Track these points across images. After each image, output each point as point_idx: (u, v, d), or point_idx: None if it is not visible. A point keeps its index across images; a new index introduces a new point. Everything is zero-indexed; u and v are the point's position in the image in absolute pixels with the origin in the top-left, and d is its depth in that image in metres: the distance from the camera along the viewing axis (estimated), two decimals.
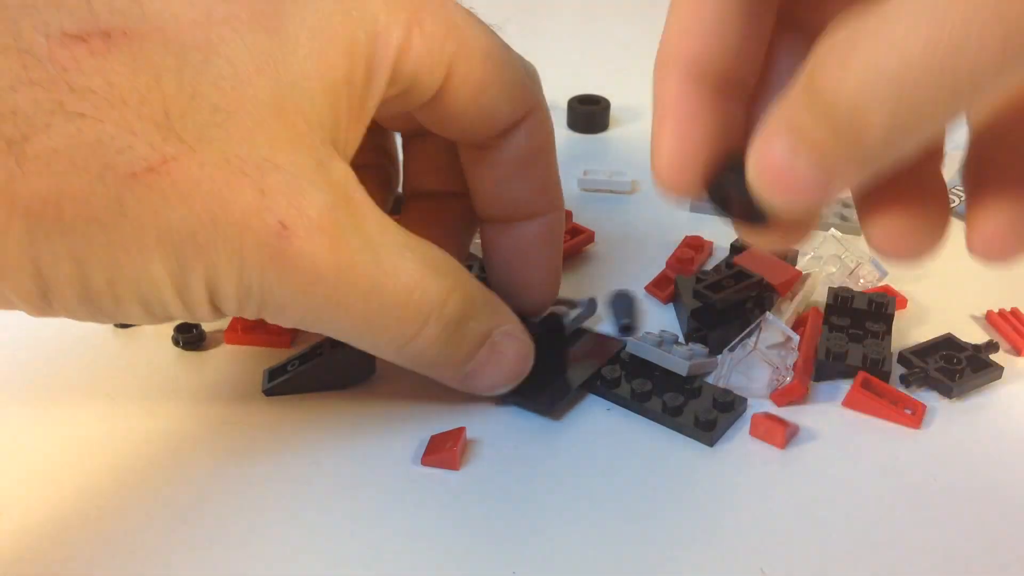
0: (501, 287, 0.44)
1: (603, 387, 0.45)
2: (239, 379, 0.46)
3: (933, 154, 0.31)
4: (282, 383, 0.45)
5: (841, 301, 0.49)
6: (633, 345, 0.46)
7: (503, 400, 0.44)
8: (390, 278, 0.34)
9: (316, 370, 0.45)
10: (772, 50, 0.31)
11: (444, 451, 0.41)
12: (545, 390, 0.44)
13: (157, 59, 0.30)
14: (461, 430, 0.42)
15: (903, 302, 0.51)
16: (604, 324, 0.50)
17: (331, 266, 0.32)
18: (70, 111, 0.28)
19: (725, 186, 0.28)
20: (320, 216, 0.31)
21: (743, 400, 0.44)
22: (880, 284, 0.52)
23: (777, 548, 0.38)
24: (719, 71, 0.29)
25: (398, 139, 0.49)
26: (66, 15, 0.29)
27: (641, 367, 0.45)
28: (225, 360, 0.47)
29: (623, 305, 0.47)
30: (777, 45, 0.31)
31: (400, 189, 0.49)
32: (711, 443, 0.42)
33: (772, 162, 0.25)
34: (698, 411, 0.43)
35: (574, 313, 0.49)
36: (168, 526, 0.39)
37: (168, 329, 0.48)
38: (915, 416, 0.44)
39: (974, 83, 0.21)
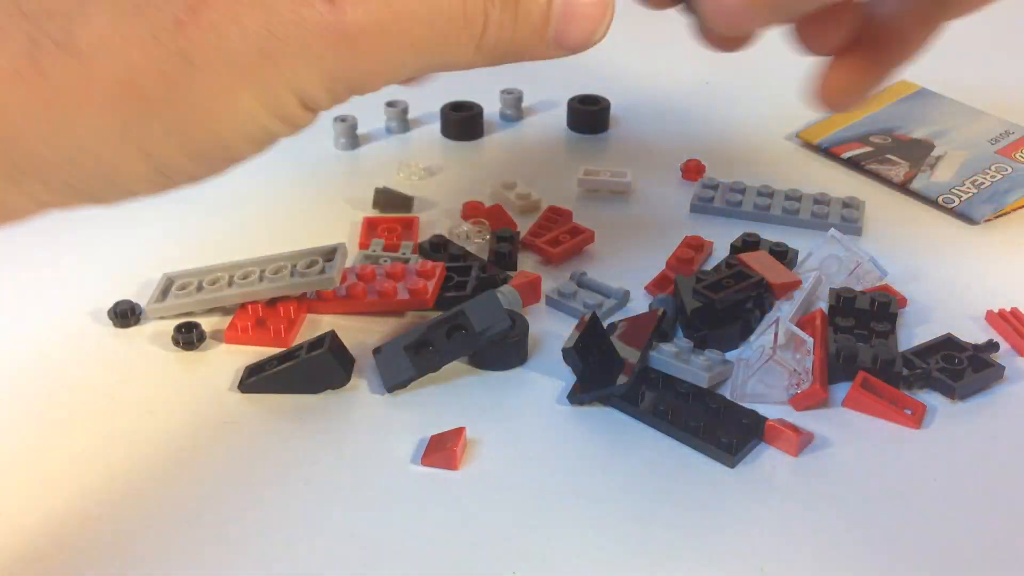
0: None
1: (625, 403, 0.45)
2: (239, 379, 0.46)
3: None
4: (257, 381, 0.45)
5: (844, 302, 0.49)
6: (652, 359, 0.46)
7: (580, 400, 0.45)
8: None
9: (291, 372, 0.45)
10: None
11: (444, 451, 0.41)
12: (611, 371, 0.45)
13: None
14: (461, 430, 0.42)
15: (903, 302, 0.51)
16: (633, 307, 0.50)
17: (388, 10, 0.31)
18: None
19: None
20: None
21: (763, 419, 0.43)
22: (880, 284, 0.52)
23: (777, 547, 0.38)
24: None
25: None
26: None
27: (660, 379, 0.46)
28: (225, 360, 0.47)
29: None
30: None
31: None
32: (733, 465, 0.42)
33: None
34: (721, 432, 0.42)
35: (607, 305, 0.50)
36: (168, 525, 0.39)
37: (168, 329, 0.48)
38: (915, 416, 0.44)
39: None
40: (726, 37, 0.37)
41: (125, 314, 0.49)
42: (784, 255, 0.54)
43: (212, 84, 0.29)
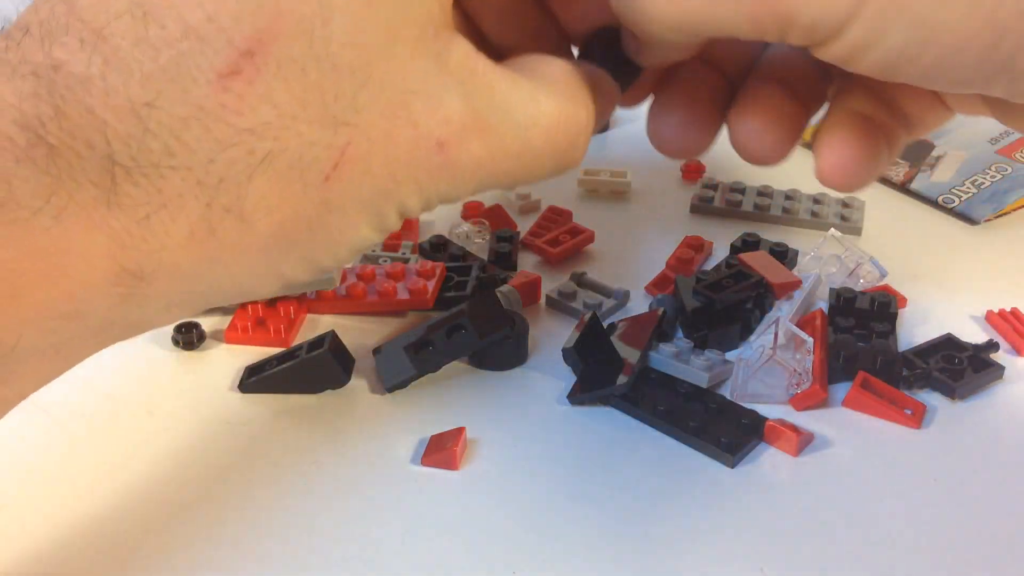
0: None
1: (625, 403, 0.45)
2: (239, 379, 0.46)
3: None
4: (257, 381, 0.45)
5: (844, 302, 0.49)
6: (652, 359, 0.46)
7: (580, 400, 0.45)
8: (533, 129, 0.36)
9: (291, 372, 0.45)
10: None
11: (444, 451, 0.41)
12: (611, 371, 0.45)
13: (294, 50, 0.31)
14: (461, 430, 0.42)
15: (903, 302, 0.51)
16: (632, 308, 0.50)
17: (486, 152, 0.35)
18: (259, 154, 0.30)
19: (598, 48, 0.38)
20: (462, 117, 0.34)
21: (763, 419, 0.44)
22: (880, 284, 0.52)
23: (777, 547, 0.38)
24: None
25: None
26: (210, 51, 0.29)
27: (660, 379, 0.46)
28: (225, 360, 0.47)
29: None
30: None
31: None
32: (733, 465, 0.42)
33: None
34: (721, 432, 0.42)
35: (607, 305, 0.50)
36: (168, 525, 0.39)
37: (168, 329, 0.48)
38: (915, 416, 0.44)
39: None
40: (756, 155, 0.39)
41: None
42: (784, 255, 0.54)
43: (343, 221, 0.33)
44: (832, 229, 0.54)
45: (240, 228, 0.31)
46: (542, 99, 0.36)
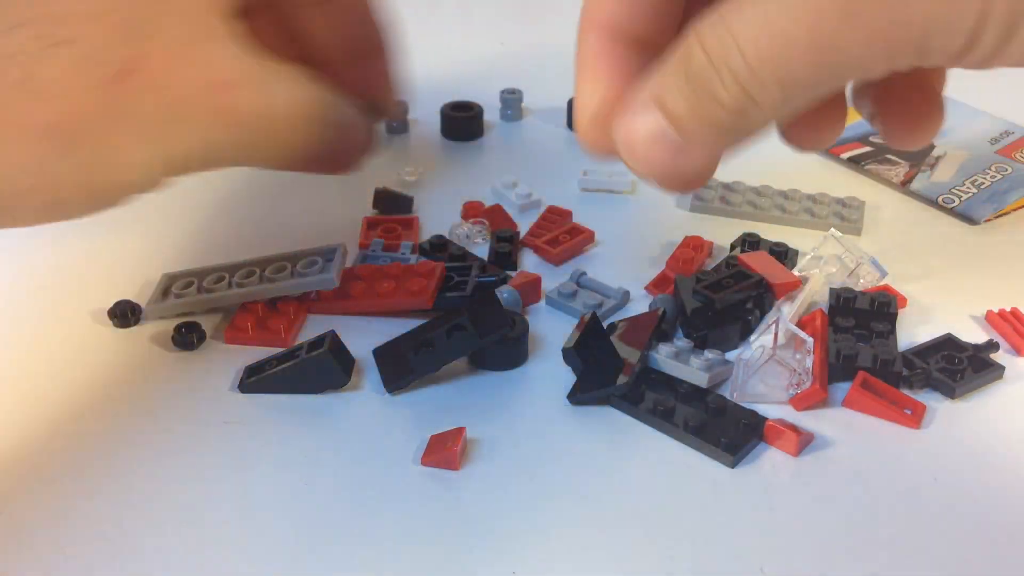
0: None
1: (625, 403, 0.45)
2: (239, 379, 0.46)
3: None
4: (257, 381, 0.45)
5: (844, 302, 0.49)
6: (652, 359, 0.46)
7: (580, 400, 0.45)
8: (293, 103, 0.41)
9: (291, 372, 0.45)
10: (687, 14, 0.32)
11: (444, 451, 0.41)
12: (611, 371, 0.45)
13: None
14: (461, 430, 0.42)
15: (903, 302, 0.51)
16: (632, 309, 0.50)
17: (259, 104, 0.40)
18: (60, 39, 0.34)
19: None
20: (239, 72, 0.39)
21: (763, 419, 0.44)
22: (880, 284, 0.52)
23: (777, 547, 0.38)
24: (634, 32, 0.30)
25: None
26: None
27: (660, 379, 0.46)
28: (225, 360, 0.47)
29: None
30: (690, 11, 0.32)
31: None
32: (733, 465, 0.42)
33: (633, 133, 0.28)
34: (721, 432, 0.42)
35: (607, 305, 0.50)
36: (168, 525, 0.39)
37: (168, 329, 0.48)
38: (915, 416, 0.44)
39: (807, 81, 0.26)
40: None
41: (125, 314, 0.49)
42: (784, 255, 0.54)
43: (123, 135, 0.35)
44: (832, 229, 0.54)
45: (24, 107, 0.34)
46: (291, 79, 0.41)
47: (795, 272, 0.52)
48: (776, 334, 0.45)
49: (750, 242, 0.55)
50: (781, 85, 0.26)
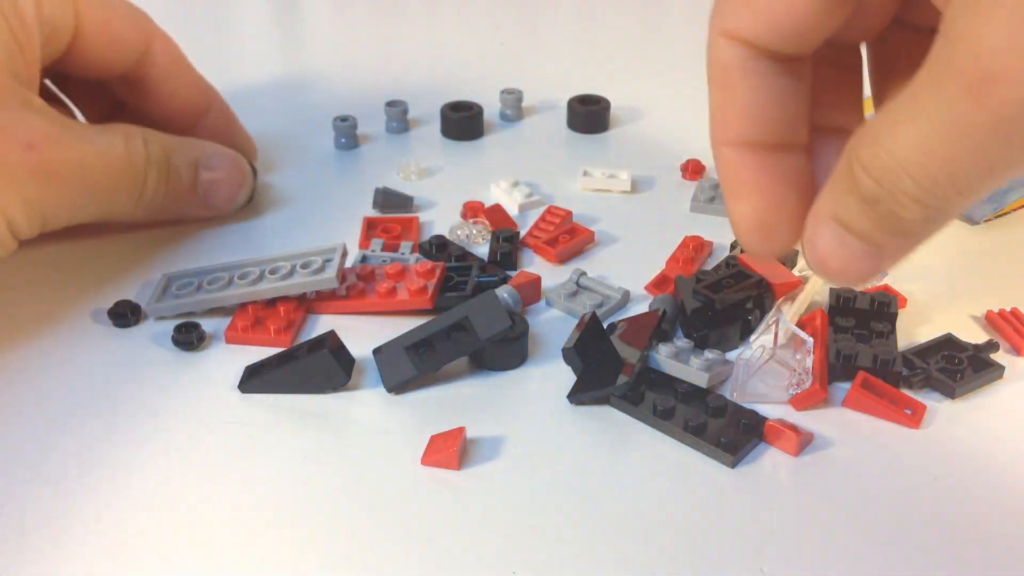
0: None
1: (625, 403, 0.45)
2: (239, 379, 0.46)
3: None
4: (257, 381, 0.45)
5: (844, 302, 0.49)
6: (652, 359, 0.46)
7: (580, 400, 0.45)
8: (108, 154, 0.49)
9: (291, 372, 0.45)
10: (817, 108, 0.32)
11: (444, 451, 0.41)
12: (611, 371, 0.45)
13: None
14: (461, 430, 0.42)
15: (903, 302, 0.51)
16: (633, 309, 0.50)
17: (72, 158, 0.47)
18: None
19: None
20: (45, 131, 0.46)
21: (763, 419, 0.44)
22: (880, 284, 0.52)
23: (777, 547, 0.38)
24: (765, 141, 0.30)
25: None
26: None
27: (660, 379, 0.46)
28: (225, 360, 0.47)
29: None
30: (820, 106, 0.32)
31: None
32: (733, 465, 0.42)
33: (820, 252, 0.29)
34: (721, 432, 0.42)
35: (608, 305, 0.50)
36: (168, 525, 0.39)
37: (168, 329, 0.48)
38: (915, 416, 0.44)
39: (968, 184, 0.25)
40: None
41: (125, 314, 0.49)
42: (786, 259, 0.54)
43: None
44: None
45: None
46: (109, 136, 0.50)
47: (795, 272, 0.52)
48: (776, 334, 0.45)
49: None
50: (959, 190, 0.26)
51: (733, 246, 0.55)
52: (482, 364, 0.47)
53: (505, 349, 0.47)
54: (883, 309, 0.49)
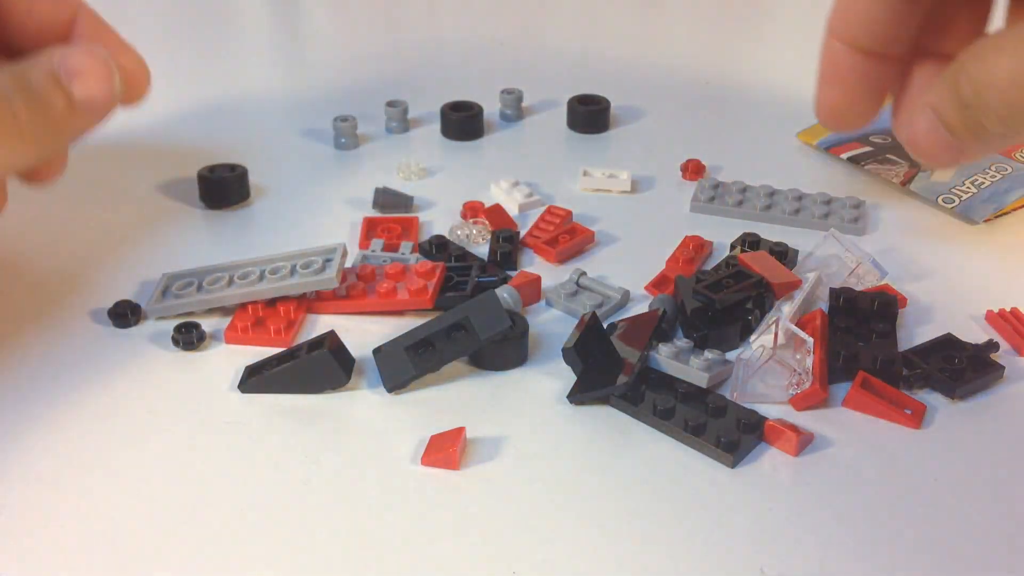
0: None
1: (625, 403, 0.44)
2: (239, 379, 0.46)
3: None
4: (257, 381, 0.45)
5: (844, 302, 0.49)
6: (652, 359, 0.46)
7: (580, 400, 0.45)
8: None
9: (291, 372, 0.45)
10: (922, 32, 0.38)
11: (444, 451, 0.41)
12: (611, 371, 0.45)
13: None
14: (461, 430, 0.42)
15: (903, 302, 0.51)
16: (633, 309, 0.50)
17: None
18: None
19: None
20: None
21: (763, 419, 0.43)
22: (880, 284, 0.52)
23: (777, 547, 0.38)
24: (870, 46, 0.36)
25: None
26: None
27: (660, 379, 0.46)
28: (225, 360, 0.47)
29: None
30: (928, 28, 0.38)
31: None
32: (733, 465, 0.42)
33: (915, 132, 0.34)
34: (721, 432, 0.42)
35: (608, 305, 0.50)
36: (168, 525, 0.39)
37: (168, 329, 0.48)
38: (915, 416, 0.44)
39: None
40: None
41: (125, 314, 0.49)
42: (784, 255, 0.54)
43: None
44: (832, 229, 0.54)
45: None
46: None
47: (795, 272, 0.52)
48: (776, 334, 0.45)
49: (750, 242, 0.55)
50: None
51: (733, 246, 0.55)
52: (482, 364, 0.47)
53: (505, 349, 0.47)
54: (883, 309, 0.49)
